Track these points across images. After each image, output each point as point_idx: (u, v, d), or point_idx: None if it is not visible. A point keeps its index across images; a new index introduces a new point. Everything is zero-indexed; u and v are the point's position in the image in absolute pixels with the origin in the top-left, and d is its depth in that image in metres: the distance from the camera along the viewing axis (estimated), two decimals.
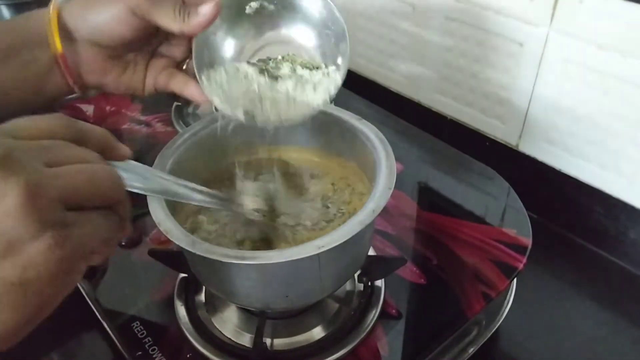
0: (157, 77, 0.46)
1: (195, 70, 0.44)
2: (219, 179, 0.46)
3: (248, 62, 0.45)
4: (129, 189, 0.30)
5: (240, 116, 0.42)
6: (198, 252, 0.34)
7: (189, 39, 0.45)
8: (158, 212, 0.36)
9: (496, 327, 0.48)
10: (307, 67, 0.44)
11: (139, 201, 0.35)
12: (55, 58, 0.43)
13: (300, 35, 0.45)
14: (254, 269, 0.36)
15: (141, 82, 0.47)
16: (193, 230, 0.42)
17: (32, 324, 0.24)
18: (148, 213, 0.37)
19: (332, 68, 0.44)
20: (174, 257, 0.46)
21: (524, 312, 0.51)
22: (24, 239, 0.22)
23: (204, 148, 0.45)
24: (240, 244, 0.41)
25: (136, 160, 0.32)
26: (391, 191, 0.37)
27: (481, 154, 0.62)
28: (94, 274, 0.51)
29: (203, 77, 0.43)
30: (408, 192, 0.58)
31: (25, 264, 0.22)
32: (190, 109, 0.70)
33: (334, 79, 0.44)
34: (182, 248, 0.35)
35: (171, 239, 0.35)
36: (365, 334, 0.43)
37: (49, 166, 0.24)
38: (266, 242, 0.42)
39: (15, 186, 0.22)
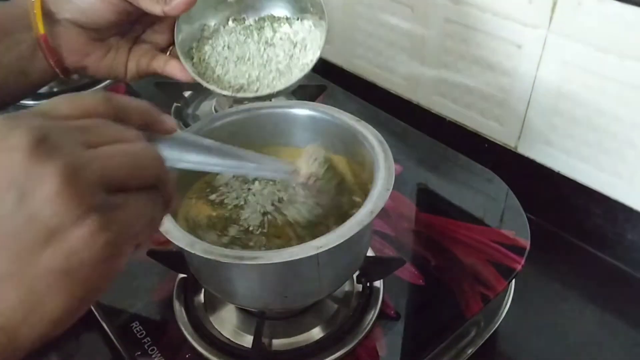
0: (139, 61, 0.47)
1: (178, 52, 0.47)
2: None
3: (233, 21, 0.52)
4: (177, 166, 0.29)
5: (226, 92, 0.46)
6: (197, 253, 0.34)
7: (171, 26, 0.47)
8: None
9: (494, 328, 0.48)
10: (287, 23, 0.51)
11: None
12: (38, 40, 0.44)
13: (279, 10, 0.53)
14: (253, 269, 0.36)
15: (123, 66, 0.47)
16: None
17: (82, 309, 0.23)
18: None
19: (309, 23, 0.51)
20: (173, 258, 0.46)
21: (522, 314, 0.51)
22: (66, 226, 0.21)
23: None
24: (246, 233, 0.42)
25: None
26: (389, 192, 0.37)
27: (480, 155, 0.62)
28: None
29: (187, 59, 0.47)
30: (407, 194, 0.58)
31: (68, 251, 0.21)
32: (190, 110, 0.70)
33: (317, 34, 0.49)
34: (181, 248, 0.35)
35: (170, 239, 0.35)
36: (363, 334, 0.43)
37: (88, 147, 0.23)
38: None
39: (53, 171, 0.21)
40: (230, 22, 0.52)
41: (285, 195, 0.44)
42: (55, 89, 0.74)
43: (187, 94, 0.71)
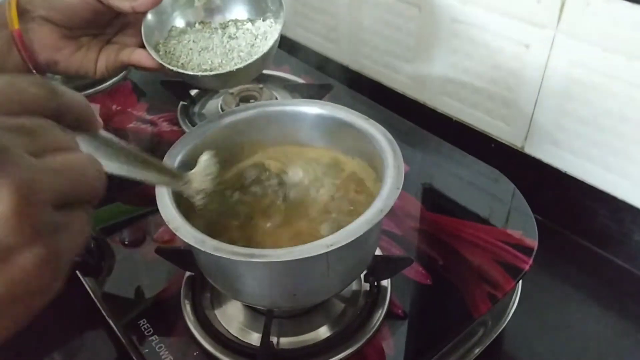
0: (108, 57, 0.49)
1: (145, 43, 0.50)
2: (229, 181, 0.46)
3: (200, 24, 0.56)
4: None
5: (190, 72, 0.49)
6: (207, 250, 0.34)
7: (141, 29, 0.50)
8: (167, 210, 0.37)
9: (502, 328, 0.48)
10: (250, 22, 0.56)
11: (144, 200, 0.35)
12: (12, 35, 0.45)
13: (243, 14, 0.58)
14: (263, 267, 0.36)
15: (93, 63, 0.50)
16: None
17: (14, 331, 0.21)
18: (151, 212, 0.37)
19: (270, 20, 0.55)
20: (181, 256, 0.46)
21: (529, 314, 0.51)
22: (14, 249, 0.19)
23: (211, 147, 0.45)
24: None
25: None
26: (399, 191, 0.37)
27: (486, 155, 0.62)
28: (100, 272, 0.51)
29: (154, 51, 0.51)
30: (413, 193, 0.58)
31: (15, 277, 0.20)
32: (196, 109, 0.70)
33: (277, 27, 0.54)
34: (190, 246, 0.35)
35: (180, 237, 0.35)
36: (371, 334, 0.43)
37: (34, 156, 0.21)
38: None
39: (7, 188, 0.19)
40: (197, 25, 0.56)
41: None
42: None
43: (193, 92, 0.71)
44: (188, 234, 0.35)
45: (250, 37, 0.54)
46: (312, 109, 0.46)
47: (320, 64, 0.83)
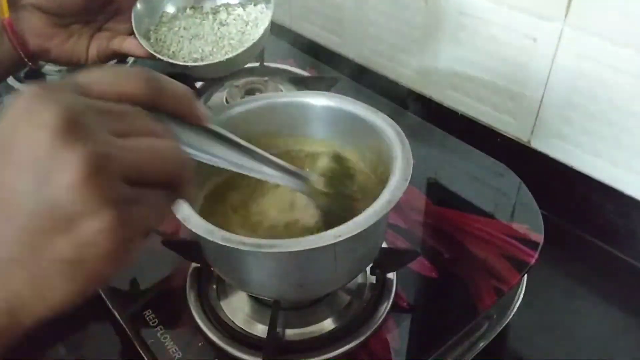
0: (99, 44, 0.50)
1: (136, 32, 0.50)
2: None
3: (190, 9, 0.57)
4: (197, 159, 0.28)
5: (180, 62, 0.49)
6: (216, 240, 0.34)
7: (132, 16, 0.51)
8: None
9: (507, 321, 0.48)
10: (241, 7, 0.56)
11: None
12: (3, 24, 0.46)
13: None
14: (271, 257, 0.36)
15: (84, 50, 0.51)
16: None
17: (85, 296, 0.23)
18: None
19: (261, 6, 0.56)
20: (187, 247, 0.46)
21: (534, 309, 0.51)
22: (83, 216, 0.21)
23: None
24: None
25: None
26: (407, 182, 0.37)
27: (493, 150, 0.62)
28: None
29: (145, 39, 0.51)
30: (419, 187, 0.58)
31: (82, 242, 0.21)
32: (201, 101, 0.69)
33: (268, 13, 0.54)
34: (198, 236, 0.35)
35: (188, 227, 0.35)
36: (376, 326, 0.43)
37: (117, 136, 0.22)
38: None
39: (80, 157, 0.20)
40: (188, 10, 0.57)
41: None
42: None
43: (198, 84, 0.71)
44: (197, 224, 0.35)
45: (241, 24, 0.54)
46: (319, 100, 0.45)
47: (325, 57, 0.83)
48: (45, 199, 0.20)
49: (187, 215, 0.35)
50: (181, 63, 0.50)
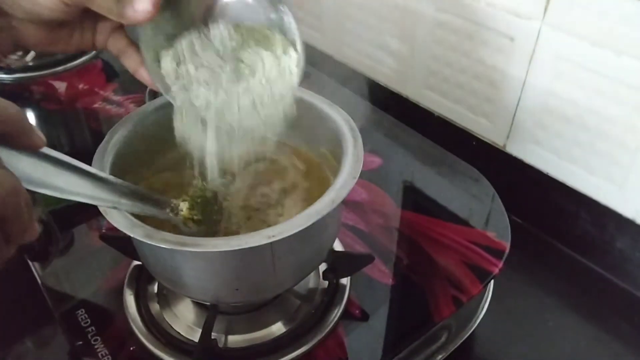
0: (108, 40, 0.45)
1: (147, 66, 0.39)
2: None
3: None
4: (37, 190, 0.25)
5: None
6: (136, 237, 0.31)
7: None
8: None
9: (468, 334, 0.45)
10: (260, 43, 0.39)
11: None
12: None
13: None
14: (199, 257, 0.33)
15: (90, 42, 0.47)
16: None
17: None
18: None
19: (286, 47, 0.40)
20: (126, 243, 0.43)
21: (500, 320, 0.48)
22: None
23: (159, 131, 0.41)
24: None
25: None
26: (355, 181, 0.34)
27: (468, 153, 0.60)
28: (46, 257, 0.48)
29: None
30: (387, 189, 0.55)
31: None
32: None
33: (294, 56, 0.39)
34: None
35: (109, 221, 0.32)
36: (324, 334, 0.41)
37: None
38: None
39: None
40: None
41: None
42: (30, 64, 0.72)
43: None
44: (117, 218, 0.32)
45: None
46: None
47: (304, 52, 0.80)
48: None
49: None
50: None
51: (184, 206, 0.35)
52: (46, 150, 0.25)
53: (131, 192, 0.32)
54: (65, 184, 0.26)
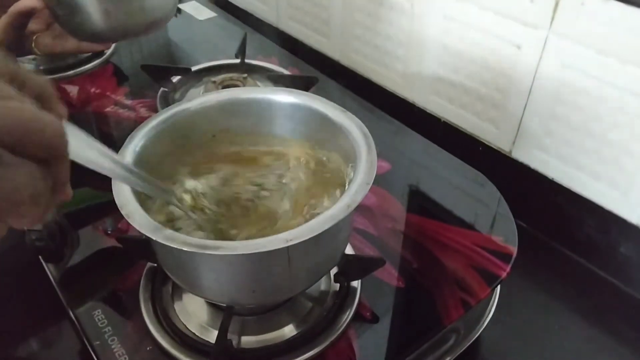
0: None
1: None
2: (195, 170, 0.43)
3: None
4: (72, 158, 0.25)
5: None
6: (159, 240, 0.32)
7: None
8: (121, 194, 0.34)
9: (475, 336, 0.46)
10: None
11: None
12: None
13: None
14: (218, 260, 0.34)
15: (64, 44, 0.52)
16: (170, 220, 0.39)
17: None
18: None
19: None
20: (142, 245, 0.43)
21: (506, 323, 0.49)
22: None
23: (179, 134, 0.42)
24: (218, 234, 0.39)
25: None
26: (369, 186, 0.35)
27: (474, 158, 0.60)
28: (61, 258, 0.49)
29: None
30: (395, 193, 0.56)
31: None
32: (177, 95, 0.68)
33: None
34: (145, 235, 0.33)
35: (132, 224, 0.33)
36: (335, 336, 0.41)
37: None
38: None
39: None
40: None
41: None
42: (41, 67, 0.73)
43: (175, 79, 0.69)
44: (141, 221, 0.33)
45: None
46: (286, 97, 0.43)
47: (311, 57, 0.81)
48: None
49: (131, 210, 0.33)
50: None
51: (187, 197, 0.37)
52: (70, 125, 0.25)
53: (137, 175, 0.33)
54: (82, 152, 0.27)
